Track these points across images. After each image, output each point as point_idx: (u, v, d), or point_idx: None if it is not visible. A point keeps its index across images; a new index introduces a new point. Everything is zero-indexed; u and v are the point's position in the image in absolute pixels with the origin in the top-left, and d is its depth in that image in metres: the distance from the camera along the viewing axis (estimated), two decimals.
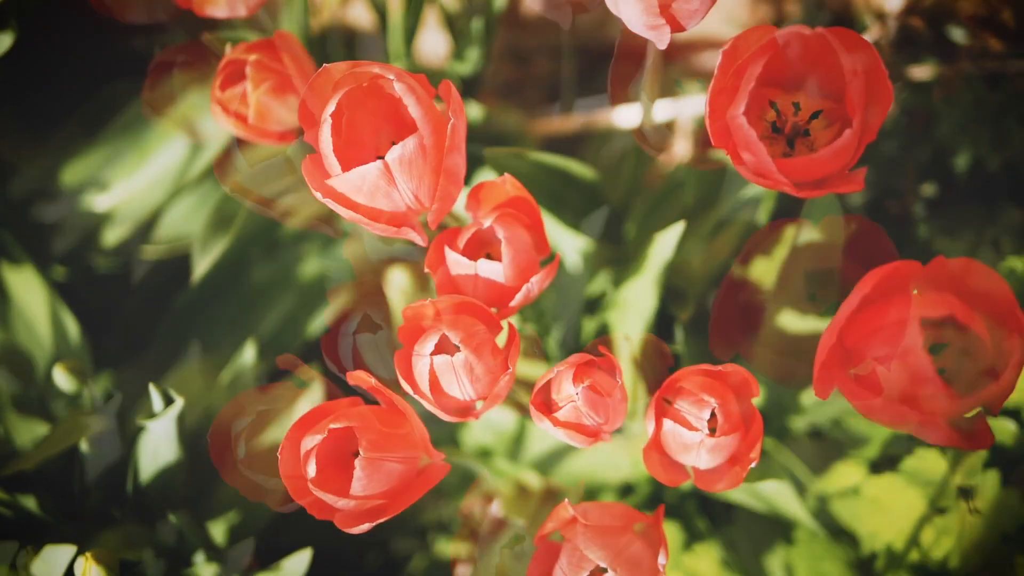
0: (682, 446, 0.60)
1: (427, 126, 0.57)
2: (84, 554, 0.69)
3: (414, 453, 0.60)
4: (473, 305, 0.62)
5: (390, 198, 0.58)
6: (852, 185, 0.57)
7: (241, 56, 0.75)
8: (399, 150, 0.56)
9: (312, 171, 0.59)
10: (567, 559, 0.60)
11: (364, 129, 0.62)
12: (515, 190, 0.65)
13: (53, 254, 1.03)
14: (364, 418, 0.59)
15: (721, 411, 0.59)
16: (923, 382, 0.51)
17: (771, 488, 0.80)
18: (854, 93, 0.55)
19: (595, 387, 0.60)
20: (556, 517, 0.62)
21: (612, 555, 0.59)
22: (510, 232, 0.63)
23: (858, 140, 0.56)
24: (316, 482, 0.58)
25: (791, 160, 0.56)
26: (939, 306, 0.52)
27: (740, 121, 0.56)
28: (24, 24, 1.14)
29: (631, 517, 0.62)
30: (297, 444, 0.59)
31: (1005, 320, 0.54)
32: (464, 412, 0.62)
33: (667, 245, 0.73)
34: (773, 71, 0.59)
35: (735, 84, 0.58)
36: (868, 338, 0.54)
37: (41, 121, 1.14)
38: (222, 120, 0.76)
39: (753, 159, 0.57)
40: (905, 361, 0.52)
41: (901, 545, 0.79)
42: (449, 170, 0.58)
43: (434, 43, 1.24)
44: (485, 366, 0.60)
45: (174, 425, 0.78)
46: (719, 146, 0.59)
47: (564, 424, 0.61)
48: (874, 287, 0.54)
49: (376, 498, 0.59)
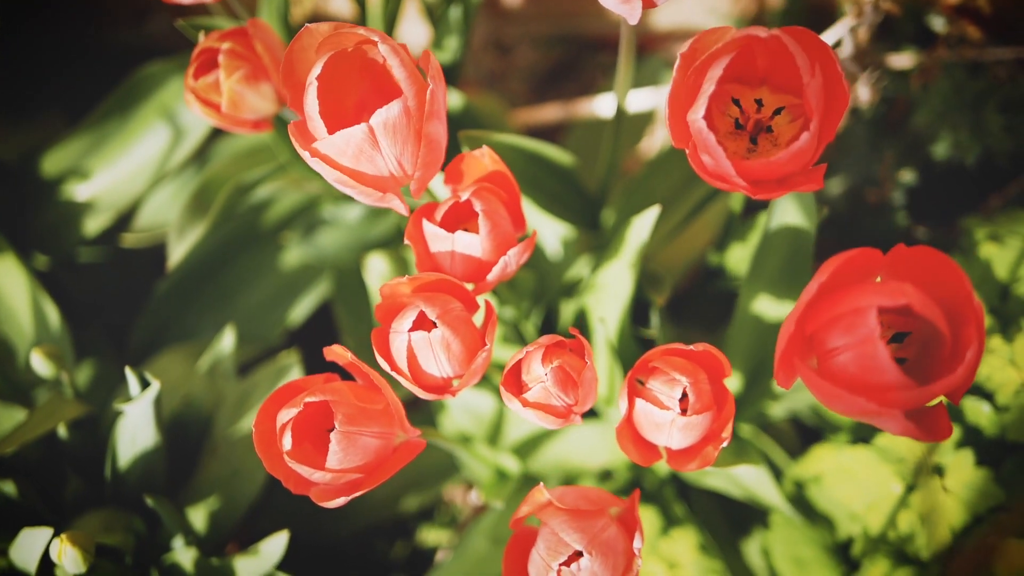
0: (654, 425, 0.60)
1: (411, 88, 0.57)
2: (60, 536, 0.69)
3: (390, 429, 0.60)
4: (450, 283, 0.62)
5: (374, 163, 0.58)
6: (811, 184, 0.57)
7: (214, 44, 0.76)
8: (384, 113, 0.56)
9: (299, 135, 0.59)
10: (544, 544, 0.60)
11: (349, 94, 0.61)
12: (494, 164, 0.65)
13: (34, 243, 1.03)
14: (340, 392, 0.59)
15: (692, 390, 0.59)
16: (880, 371, 0.51)
17: (747, 474, 0.81)
18: (811, 95, 0.55)
19: (564, 368, 0.60)
20: (531, 501, 0.62)
21: (588, 539, 0.59)
22: (488, 206, 0.62)
23: (816, 141, 0.56)
24: (292, 455, 0.58)
25: (749, 162, 0.56)
26: (896, 295, 0.51)
27: (699, 125, 0.56)
28: (5, 12, 1.14)
29: (607, 501, 0.62)
30: (272, 418, 0.59)
31: (963, 309, 0.53)
32: (441, 390, 0.62)
33: (643, 229, 0.74)
34: (735, 69, 0.59)
35: (695, 85, 0.58)
36: (827, 327, 0.53)
37: (22, 109, 1.15)
38: (196, 108, 0.76)
39: (712, 162, 0.57)
40: (862, 350, 0.51)
41: (870, 518, 0.79)
42: (430, 137, 0.58)
43: (414, 32, 1.24)
44: (462, 342, 0.60)
45: (151, 409, 0.78)
46: (679, 146, 0.59)
47: (534, 405, 0.60)
48: (832, 275, 0.54)
49: (352, 472, 0.59)
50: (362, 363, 0.61)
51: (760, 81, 0.62)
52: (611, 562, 0.59)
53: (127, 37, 1.25)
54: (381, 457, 0.61)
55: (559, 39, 1.32)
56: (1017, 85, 0.95)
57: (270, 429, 0.59)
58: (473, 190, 0.63)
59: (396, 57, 0.57)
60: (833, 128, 0.57)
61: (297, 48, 0.60)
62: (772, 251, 0.76)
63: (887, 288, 0.52)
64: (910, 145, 1.01)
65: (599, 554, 0.59)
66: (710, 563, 0.82)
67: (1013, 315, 0.79)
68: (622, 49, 0.74)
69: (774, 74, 0.61)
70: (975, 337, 0.52)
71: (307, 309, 1.05)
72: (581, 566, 0.59)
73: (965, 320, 0.53)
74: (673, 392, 0.60)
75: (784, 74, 0.60)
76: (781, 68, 0.59)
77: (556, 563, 0.59)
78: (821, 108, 0.56)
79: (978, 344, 0.52)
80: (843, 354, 0.52)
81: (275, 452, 0.59)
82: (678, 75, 0.58)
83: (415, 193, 0.60)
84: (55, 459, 0.86)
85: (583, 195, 0.89)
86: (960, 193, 1.00)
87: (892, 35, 1.02)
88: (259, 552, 0.79)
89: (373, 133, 0.57)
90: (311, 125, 0.59)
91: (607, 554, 0.60)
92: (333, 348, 0.61)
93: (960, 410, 0.79)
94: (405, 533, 1.08)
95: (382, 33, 0.58)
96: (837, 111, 0.57)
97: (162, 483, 0.85)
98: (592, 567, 0.59)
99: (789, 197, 0.72)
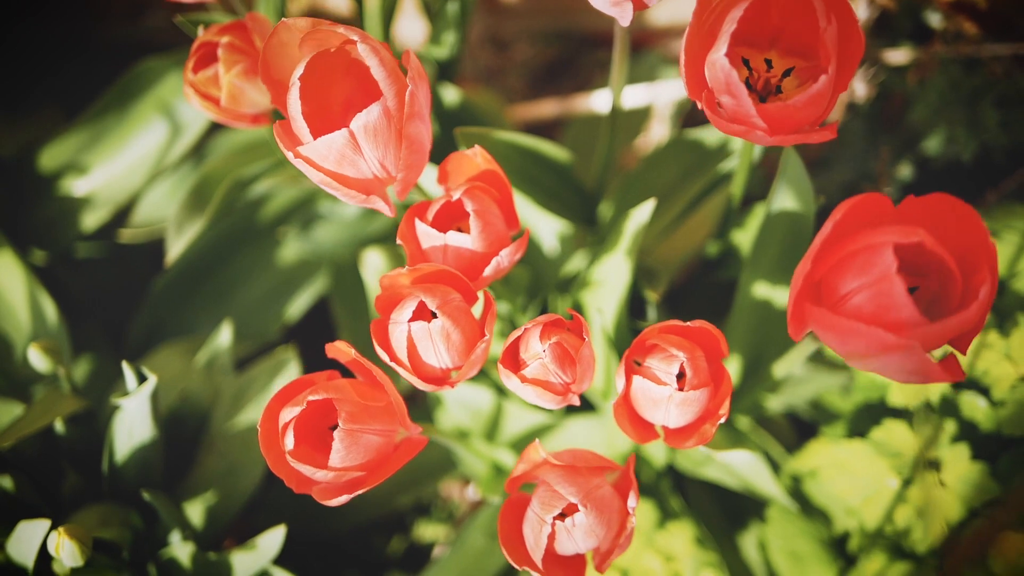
0: (651, 402, 0.60)
1: (391, 89, 0.57)
2: (57, 529, 0.69)
3: (392, 426, 0.60)
4: (449, 274, 0.61)
5: (356, 167, 0.58)
6: (824, 134, 0.56)
7: (213, 38, 0.75)
8: (363, 118, 0.56)
9: (284, 136, 0.59)
10: (539, 500, 0.60)
11: (335, 93, 0.61)
12: (486, 163, 0.65)
13: (31, 238, 1.02)
14: (343, 390, 0.59)
15: (690, 365, 0.59)
16: (897, 308, 0.50)
17: (745, 465, 0.81)
18: (828, 41, 0.55)
19: (562, 344, 0.60)
20: (527, 459, 0.61)
21: (584, 493, 0.59)
22: (479, 205, 0.62)
23: (832, 87, 0.55)
24: (294, 454, 0.58)
25: (766, 106, 0.56)
26: (910, 233, 0.51)
27: (722, 63, 0.55)
28: (3, 7, 1.14)
29: (603, 463, 0.62)
30: (276, 417, 0.59)
31: (975, 254, 0.53)
32: (440, 381, 0.61)
33: (639, 219, 0.74)
34: (747, 26, 0.58)
35: (713, 29, 0.57)
36: (838, 269, 0.53)
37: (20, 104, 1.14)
38: (195, 102, 0.76)
39: (732, 102, 0.56)
40: (879, 288, 0.51)
41: (867, 512, 0.79)
42: (411, 138, 0.58)
43: (411, 28, 1.24)
44: (462, 333, 0.60)
45: (149, 404, 0.78)
46: (693, 96, 0.58)
47: (532, 381, 0.60)
48: (845, 215, 0.53)
49: (354, 470, 0.59)
50: (365, 360, 0.61)
51: (770, 43, 0.62)
52: (605, 518, 0.59)
53: (124, 32, 1.25)
54: (383, 454, 0.60)
55: (556, 35, 1.32)
56: (1013, 81, 0.95)
57: (274, 429, 0.59)
58: (464, 189, 0.63)
59: (375, 57, 0.57)
60: (848, 77, 0.57)
61: (274, 43, 0.59)
62: (771, 238, 0.76)
63: (900, 228, 0.51)
64: (906, 140, 1.01)
65: (594, 508, 0.59)
66: (706, 556, 0.83)
67: (1009, 310, 0.79)
68: (617, 46, 0.74)
69: (786, 31, 0.60)
70: (989, 277, 0.52)
71: (304, 305, 1.05)
72: (576, 520, 0.59)
73: (978, 264, 0.53)
74: (671, 368, 0.60)
75: (797, 28, 0.59)
76: (795, 21, 0.59)
77: (550, 516, 0.59)
78: (836, 54, 0.55)
79: (991, 284, 0.51)
80: (857, 295, 0.52)
81: (278, 451, 0.59)
82: (695, 20, 0.57)
83: (400, 194, 0.60)
84: (52, 454, 0.86)
85: (580, 191, 0.89)
86: (956, 189, 1.00)
87: (889, 31, 1.02)
88: (256, 547, 0.79)
89: (354, 137, 0.56)
90: (295, 126, 0.58)
91: (602, 509, 0.59)
92: (336, 345, 0.61)
93: (956, 405, 0.79)
94: (402, 529, 1.08)
95: (362, 32, 0.57)
96: (852, 61, 0.57)
97: (159, 478, 0.85)
98: (587, 521, 0.59)
99: (787, 184, 0.72)
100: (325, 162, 0.57)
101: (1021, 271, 0.79)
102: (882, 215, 0.55)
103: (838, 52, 0.56)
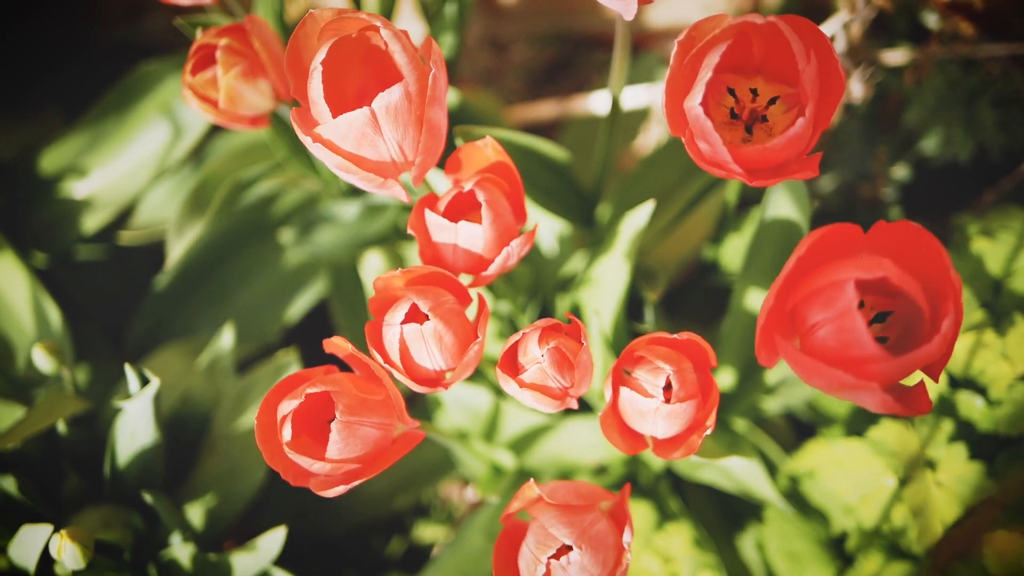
0: (639, 414, 0.61)
1: (412, 74, 0.57)
2: (59, 532, 0.70)
3: (390, 419, 0.61)
4: (442, 276, 0.62)
5: (376, 147, 0.58)
6: (807, 171, 0.57)
7: (211, 41, 0.76)
8: (386, 97, 0.56)
9: (301, 121, 0.59)
10: (533, 538, 0.60)
11: (351, 81, 0.62)
12: (496, 155, 0.65)
13: (32, 240, 1.03)
14: (340, 383, 0.60)
15: (676, 378, 0.60)
16: (858, 345, 0.51)
17: (740, 467, 0.81)
18: (807, 82, 0.55)
19: (561, 349, 0.60)
20: (522, 496, 0.62)
21: (578, 533, 0.59)
22: (491, 196, 0.63)
23: (812, 128, 0.56)
24: (292, 445, 0.58)
25: (746, 149, 0.56)
26: (873, 268, 0.52)
27: (696, 112, 0.56)
28: (2, 9, 1.14)
29: (597, 496, 0.63)
30: (274, 410, 0.60)
31: (941, 285, 0.53)
32: (433, 383, 0.62)
33: (638, 222, 0.74)
34: (730, 58, 0.59)
35: (691, 73, 0.58)
36: (806, 302, 0.53)
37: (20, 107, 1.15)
38: (193, 104, 0.77)
39: (709, 149, 0.57)
40: (840, 323, 0.51)
41: (864, 511, 0.79)
42: (431, 122, 0.58)
43: (409, 29, 1.24)
44: (454, 335, 0.60)
45: (151, 406, 0.79)
46: (676, 134, 0.59)
47: (530, 386, 0.61)
48: (811, 248, 0.54)
49: (351, 462, 0.59)
50: (362, 354, 0.61)
51: (755, 71, 0.62)
52: (600, 556, 0.60)
53: (123, 34, 1.25)
54: (380, 448, 0.61)
55: (555, 36, 1.32)
56: (1010, 81, 0.95)
57: (271, 422, 0.60)
58: (476, 180, 0.63)
59: (398, 43, 0.58)
60: (828, 115, 0.57)
61: (301, 35, 0.60)
62: (766, 245, 0.76)
63: (865, 261, 0.52)
64: (903, 141, 1.01)
65: (588, 548, 0.59)
66: (705, 557, 0.83)
67: (1006, 310, 0.79)
68: (617, 46, 0.74)
69: (769, 63, 0.61)
70: (952, 310, 0.52)
71: (304, 307, 1.05)
72: (570, 559, 0.59)
73: (943, 295, 0.53)
74: (657, 380, 0.60)
75: (780, 63, 0.60)
76: (777, 56, 0.60)
77: (545, 556, 0.59)
78: (816, 95, 0.56)
79: (955, 316, 0.52)
80: (822, 329, 0.53)
81: (275, 444, 0.59)
82: (675, 62, 0.58)
83: (415, 180, 0.60)
84: (54, 456, 0.87)
85: (578, 192, 0.90)
86: (953, 188, 1.01)
87: (885, 31, 1.03)
88: (256, 548, 0.79)
89: (375, 117, 0.57)
90: (315, 110, 0.59)
91: (596, 548, 0.60)
92: (333, 340, 0.61)
93: (953, 404, 0.79)
94: (401, 529, 1.09)
95: (384, 19, 0.58)
96: (833, 98, 0.57)
97: (161, 480, 0.85)
98: (581, 561, 0.59)
99: (782, 190, 0.73)
100: (344, 142, 0.58)
101: (1017, 270, 0.80)
102: (851, 244, 0.56)
103: (819, 89, 0.56)
